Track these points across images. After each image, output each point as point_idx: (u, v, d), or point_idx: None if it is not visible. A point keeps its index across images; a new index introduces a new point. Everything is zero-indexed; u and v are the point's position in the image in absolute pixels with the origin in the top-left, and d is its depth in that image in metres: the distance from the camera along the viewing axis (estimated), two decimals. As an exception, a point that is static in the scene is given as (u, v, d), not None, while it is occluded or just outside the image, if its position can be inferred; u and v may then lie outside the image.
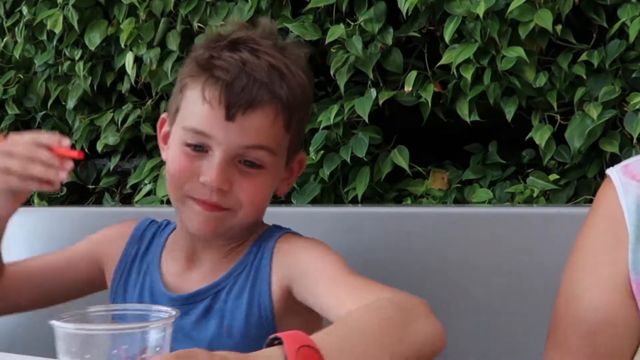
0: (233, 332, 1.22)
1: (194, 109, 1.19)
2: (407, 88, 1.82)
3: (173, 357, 0.74)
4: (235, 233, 1.26)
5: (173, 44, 2.14)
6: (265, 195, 1.25)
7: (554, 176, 1.73)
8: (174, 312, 0.78)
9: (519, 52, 1.69)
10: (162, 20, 2.18)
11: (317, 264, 1.17)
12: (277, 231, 1.29)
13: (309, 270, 1.17)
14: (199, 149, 1.19)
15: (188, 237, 1.28)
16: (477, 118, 1.79)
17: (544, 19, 1.66)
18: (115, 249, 1.37)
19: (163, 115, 1.33)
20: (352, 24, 1.88)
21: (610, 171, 1.04)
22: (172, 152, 1.23)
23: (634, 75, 1.67)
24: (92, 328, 0.75)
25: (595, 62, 1.67)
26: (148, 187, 2.20)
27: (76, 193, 2.54)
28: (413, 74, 1.82)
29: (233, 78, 1.16)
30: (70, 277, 1.37)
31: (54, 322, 0.74)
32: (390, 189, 1.93)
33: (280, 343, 0.81)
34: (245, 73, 1.17)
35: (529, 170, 1.81)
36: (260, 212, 1.28)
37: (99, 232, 1.41)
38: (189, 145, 1.19)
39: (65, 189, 2.49)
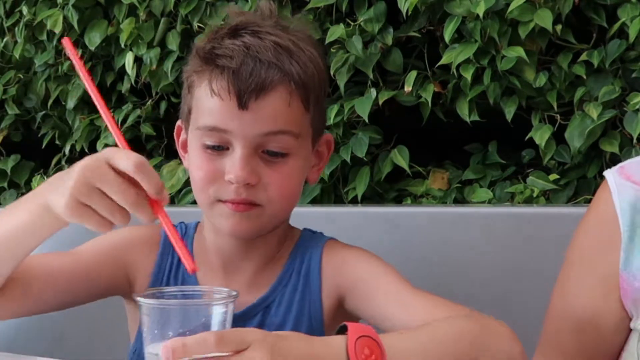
0: None
1: (204, 106, 1.13)
2: (407, 88, 1.82)
3: (228, 332, 0.78)
4: (272, 232, 1.19)
5: (173, 44, 2.14)
6: (295, 184, 1.17)
7: (553, 176, 1.73)
8: (233, 292, 0.86)
9: (518, 52, 1.69)
10: (162, 20, 2.18)
11: (375, 275, 1.15)
12: (318, 237, 1.25)
13: (367, 281, 1.15)
14: (219, 148, 1.13)
15: (223, 243, 1.21)
16: (477, 118, 1.79)
17: (544, 18, 1.66)
18: (143, 258, 1.24)
19: (178, 123, 1.27)
20: (352, 24, 1.88)
21: (606, 173, 1.06)
22: (193, 158, 1.17)
23: (633, 75, 1.67)
24: (169, 303, 0.86)
25: (595, 62, 1.67)
26: (148, 187, 2.20)
27: (76, 193, 2.54)
28: (413, 74, 1.82)
29: (239, 64, 1.10)
30: (94, 282, 1.22)
31: (139, 298, 0.84)
32: (390, 189, 1.93)
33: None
34: (250, 57, 1.11)
35: (529, 170, 1.81)
36: (292, 203, 1.20)
37: (120, 233, 1.26)
38: (208, 147, 1.13)
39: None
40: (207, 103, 1.13)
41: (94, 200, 0.92)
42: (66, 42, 1.03)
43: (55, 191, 0.95)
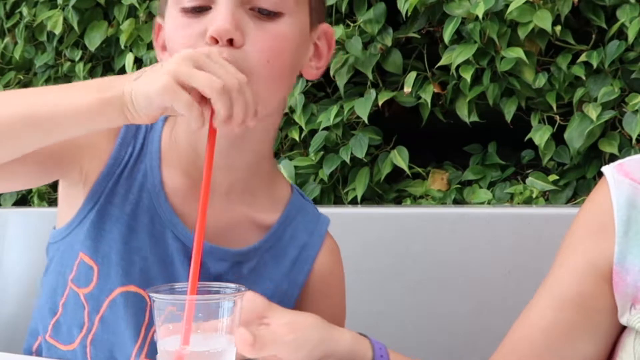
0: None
1: None
2: (407, 89, 1.82)
3: None
4: (255, 126, 0.94)
5: (173, 45, 2.14)
6: (287, 55, 1.00)
7: (553, 177, 1.73)
8: (242, 288, 0.83)
9: (518, 52, 1.69)
10: (162, 21, 2.18)
11: (332, 315, 1.08)
12: (313, 216, 1.17)
13: (322, 313, 1.06)
14: (200, 10, 0.98)
15: (198, 140, 1.04)
16: (476, 119, 1.79)
17: (543, 19, 1.66)
18: (103, 141, 1.07)
19: (157, 20, 1.09)
20: (352, 24, 1.88)
21: (605, 169, 1.07)
22: (169, 33, 1.01)
23: (633, 76, 1.68)
24: (180, 299, 0.82)
25: (595, 63, 1.67)
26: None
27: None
28: (412, 74, 1.83)
29: None
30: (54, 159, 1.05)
31: (152, 294, 0.81)
32: (389, 190, 1.93)
33: None
34: None
35: (529, 171, 1.81)
36: (281, 84, 1.02)
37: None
38: (187, 11, 0.98)
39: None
40: None
41: (197, 76, 0.85)
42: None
43: (146, 78, 0.87)
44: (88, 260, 1.06)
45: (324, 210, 1.76)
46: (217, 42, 0.95)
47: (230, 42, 0.95)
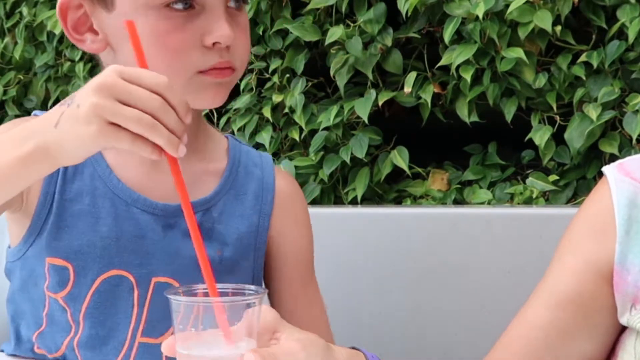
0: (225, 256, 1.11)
1: None
2: (407, 89, 1.82)
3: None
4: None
5: (173, 45, 2.14)
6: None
7: (553, 177, 1.73)
8: (261, 290, 0.83)
9: (518, 53, 1.69)
10: (162, 21, 2.18)
11: (299, 252, 1.19)
12: (253, 152, 1.20)
13: (290, 254, 1.18)
14: (186, 7, 0.98)
15: None
16: (476, 119, 1.79)
17: (544, 19, 1.66)
18: None
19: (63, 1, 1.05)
20: (352, 25, 1.88)
21: (605, 168, 1.07)
22: (152, 31, 0.98)
23: (633, 76, 1.67)
24: (200, 300, 0.81)
25: (595, 63, 1.67)
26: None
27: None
28: (413, 75, 1.83)
29: None
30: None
31: (170, 296, 0.79)
32: (389, 190, 1.93)
33: None
34: None
35: (529, 171, 1.81)
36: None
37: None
38: (176, 10, 0.98)
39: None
40: None
41: (123, 113, 0.77)
42: (129, 25, 0.83)
43: (68, 124, 0.80)
44: (59, 262, 1.06)
45: (324, 210, 1.77)
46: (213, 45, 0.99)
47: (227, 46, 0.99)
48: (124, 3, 1.00)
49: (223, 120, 2.02)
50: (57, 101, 2.39)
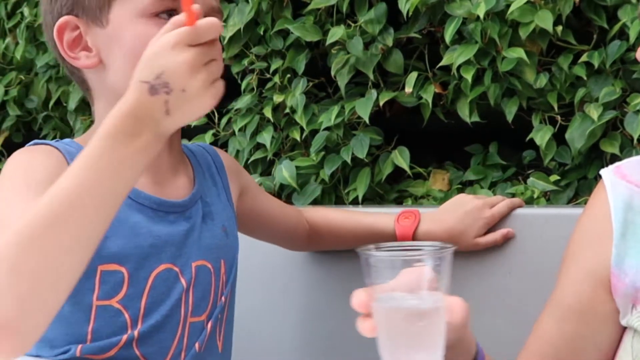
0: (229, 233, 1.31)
1: None
2: (408, 89, 1.82)
3: None
4: None
5: (174, 45, 2.14)
6: None
7: (554, 177, 1.73)
8: (448, 245, 0.86)
9: (519, 53, 1.69)
10: (163, 21, 2.18)
11: (256, 187, 1.48)
12: (191, 145, 1.37)
13: (252, 185, 1.44)
14: (171, 14, 1.07)
15: None
16: (477, 119, 1.79)
17: (544, 19, 1.66)
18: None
19: (60, 22, 1.14)
20: (353, 25, 1.88)
21: (603, 171, 1.07)
22: (136, 34, 1.09)
23: (634, 76, 1.67)
24: (390, 255, 0.86)
25: (596, 63, 1.67)
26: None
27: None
28: (413, 75, 1.83)
29: None
30: None
31: (362, 251, 0.85)
32: (390, 190, 1.93)
33: None
34: None
35: (530, 171, 1.81)
36: None
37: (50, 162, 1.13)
38: (156, 14, 1.09)
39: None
40: None
41: (212, 69, 0.91)
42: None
43: (182, 111, 0.90)
44: (114, 267, 1.14)
45: (324, 210, 1.76)
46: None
47: None
48: (117, 17, 1.11)
49: (224, 120, 2.02)
50: (58, 101, 2.40)
